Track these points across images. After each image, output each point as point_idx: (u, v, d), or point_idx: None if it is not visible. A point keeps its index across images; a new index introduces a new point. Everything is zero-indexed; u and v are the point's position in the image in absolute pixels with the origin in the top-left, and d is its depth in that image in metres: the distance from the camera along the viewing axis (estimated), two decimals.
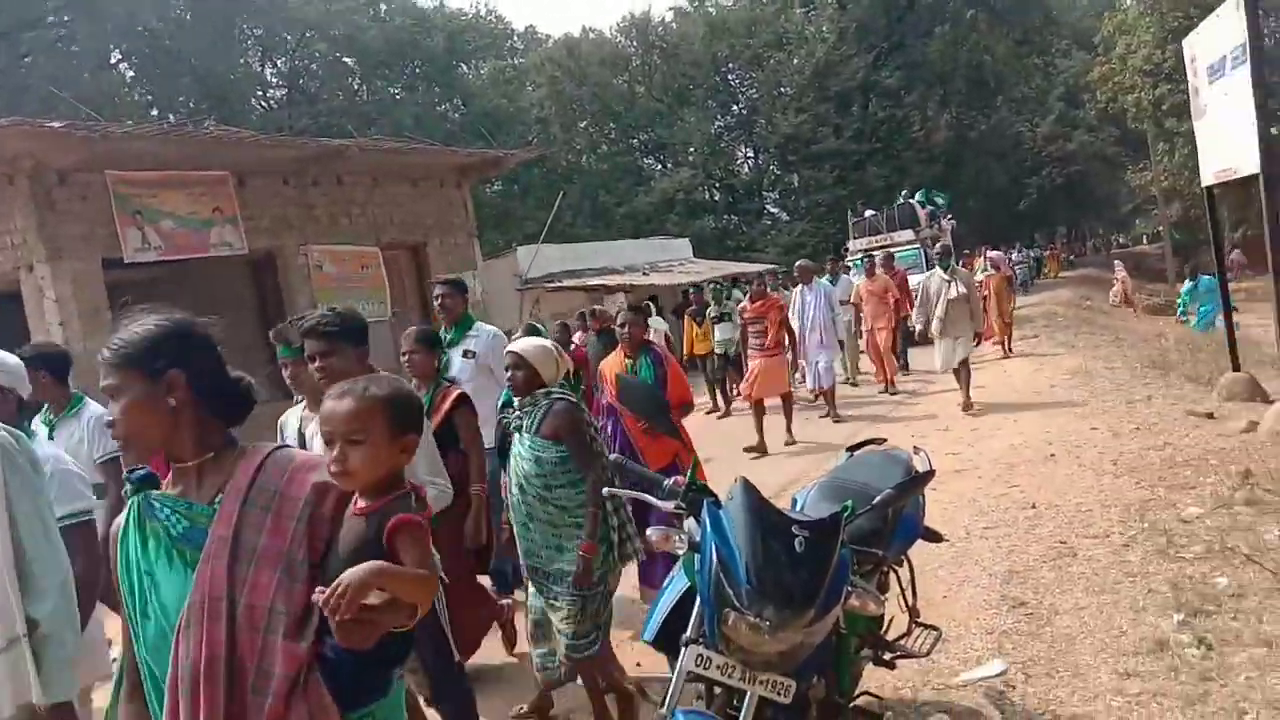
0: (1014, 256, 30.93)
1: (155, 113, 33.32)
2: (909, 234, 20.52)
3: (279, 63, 38.95)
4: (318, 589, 1.69)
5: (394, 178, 15.85)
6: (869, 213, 22.21)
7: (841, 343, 12.72)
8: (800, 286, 11.74)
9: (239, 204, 13.01)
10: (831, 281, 13.56)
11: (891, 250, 19.30)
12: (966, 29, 37.12)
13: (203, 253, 12.61)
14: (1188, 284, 17.70)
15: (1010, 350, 15.44)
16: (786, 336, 10.35)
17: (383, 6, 39.90)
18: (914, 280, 17.26)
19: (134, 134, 11.71)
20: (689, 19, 40.89)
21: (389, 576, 1.68)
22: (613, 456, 3.02)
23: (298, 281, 13.89)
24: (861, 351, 14.36)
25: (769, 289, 11.50)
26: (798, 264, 12.32)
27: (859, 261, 19.51)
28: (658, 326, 14.65)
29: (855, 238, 21.86)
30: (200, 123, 16.87)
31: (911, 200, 22.17)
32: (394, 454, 1.82)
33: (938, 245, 19.63)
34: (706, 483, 2.75)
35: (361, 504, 1.80)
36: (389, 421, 1.81)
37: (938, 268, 10.76)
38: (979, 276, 16.01)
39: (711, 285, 15.79)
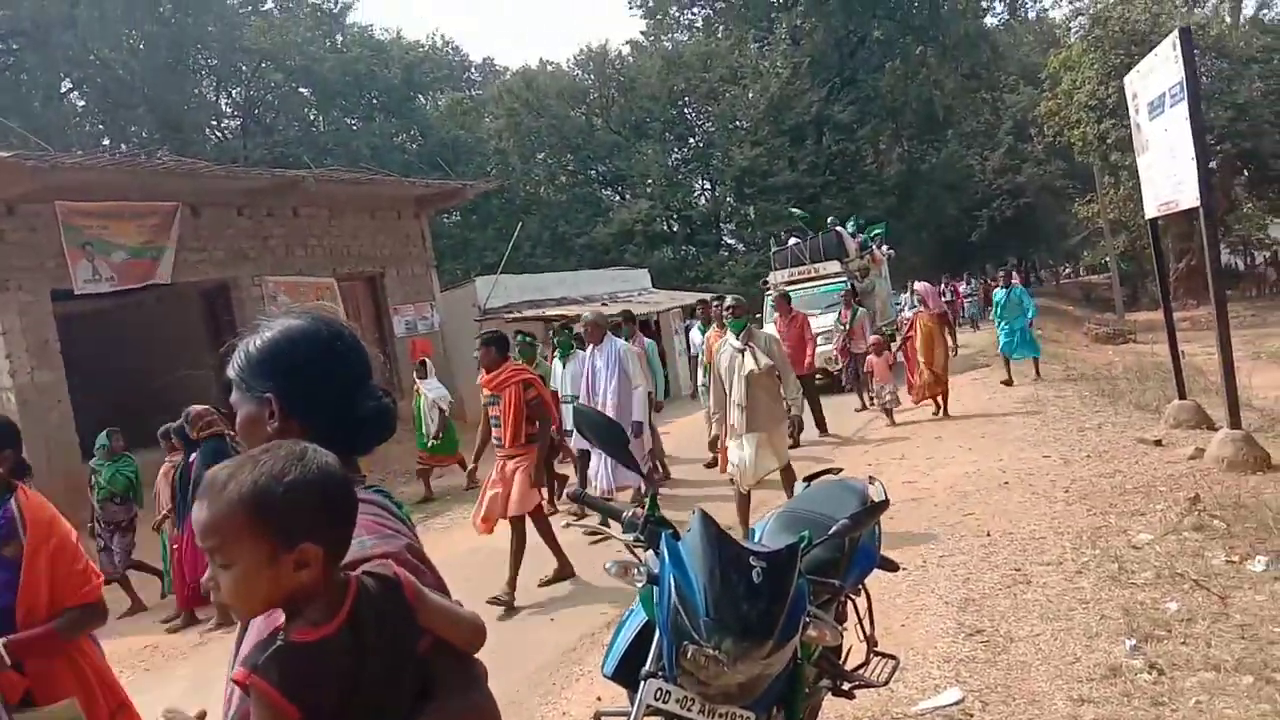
0: (962, 289, 30.40)
1: (107, 142, 32.94)
2: (835, 265, 18.29)
3: (234, 92, 38.70)
4: None
5: (351, 208, 15.78)
6: (792, 240, 19.83)
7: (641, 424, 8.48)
8: (590, 348, 8.68)
9: (192, 235, 12.88)
10: (701, 330, 12.16)
11: (809, 284, 18.05)
12: (916, 64, 37.89)
13: (155, 284, 12.44)
14: (999, 292, 14.92)
15: (947, 411, 12.20)
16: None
17: (339, 37, 39.85)
18: (822, 323, 15.61)
19: (85, 164, 11.58)
20: (645, 53, 41.31)
21: None
22: (571, 490, 3.01)
23: (252, 313, 13.69)
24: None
25: (516, 347, 8.37)
26: (584, 318, 8.92)
27: (777, 295, 18.17)
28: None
29: (776, 268, 19.48)
30: (154, 153, 16.67)
31: (839, 228, 20.07)
32: (275, 576, 1.25)
33: (867, 278, 18.67)
34: (663, 515, 2.76)
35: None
36: (260, 532, 1.24)
37: (730, 332, 7.21)
38: (906, 313, 14.05)
39: (556, 324, 13.52)
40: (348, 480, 1.32)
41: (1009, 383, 13.93)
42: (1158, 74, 8.29)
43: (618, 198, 39.51)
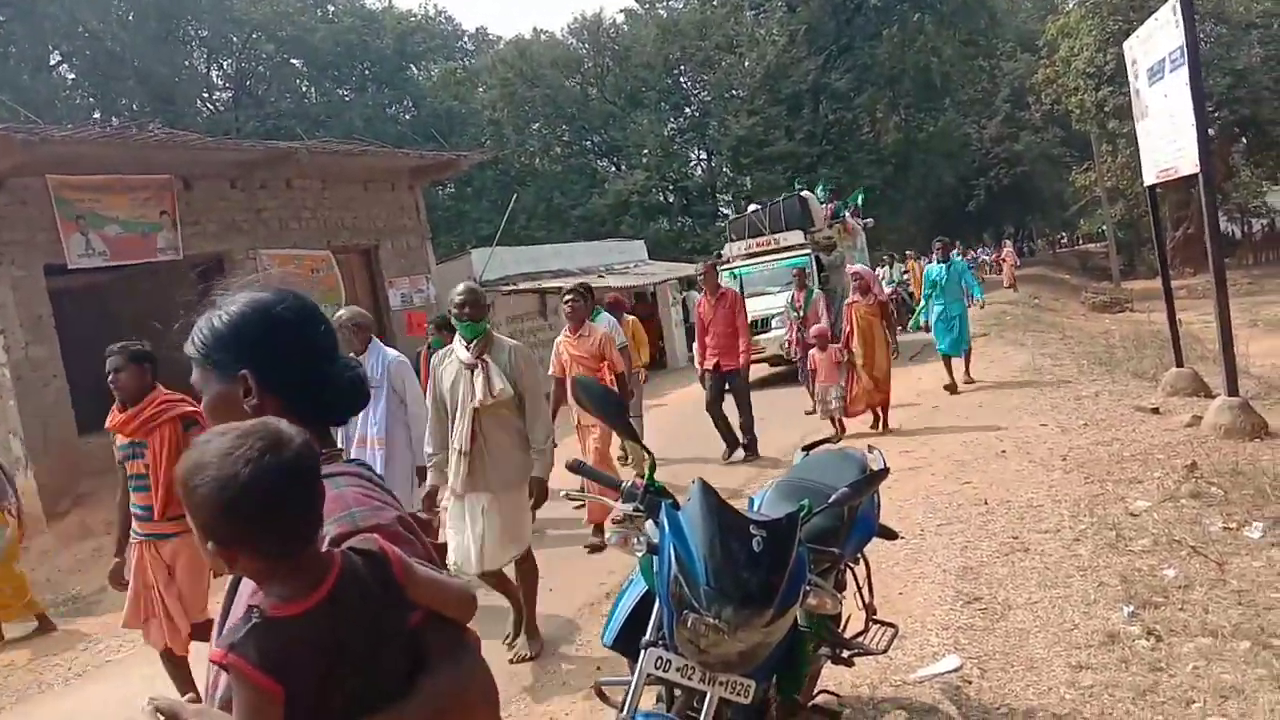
0: (955, 258, 29.25)
1: (97, 115, 32.66)
2: (798, 235, 16.34)
3: (225, 64, 38.38)
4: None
5: (345, 180, 15.65)
6: (751, 208, 17.98)
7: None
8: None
9: (185, 208, 12.77)
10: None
11: (768, 257, 16.31)
12: (914, 32, 37.57)
13: (149, 258, 12.36)
14: (933, 268, 12.21)
15: (887, 424, 9.95)
16: None
17: (330, 8, 39.46)
18: (769, 304, 14.75)
19: (76, 137, 11.43)
20: (640, 21, 40.97)
21: None
22: (571, 460, 3.01)
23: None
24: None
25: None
26: (339, 317, 6.11)
27: (741, 270, 16.39)
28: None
29: (732, 239, 17.57)
30: (144, 125, 16.50)
31: (804, 193, 18.00)
32: (231, 565, 1.29)
33: (834, 250, 16.67)
34: (664, 485, 2.75)
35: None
36: (203, 534, 1.26)
37: (458, 339, 5.07)
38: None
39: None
40: (303, 469, 1.27)
41: (952, 388, 11.37)
42: (1157, 39, 8.22)
43: (613, 168, 39.32)
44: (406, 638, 1.32)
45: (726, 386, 9.32)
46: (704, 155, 39.27)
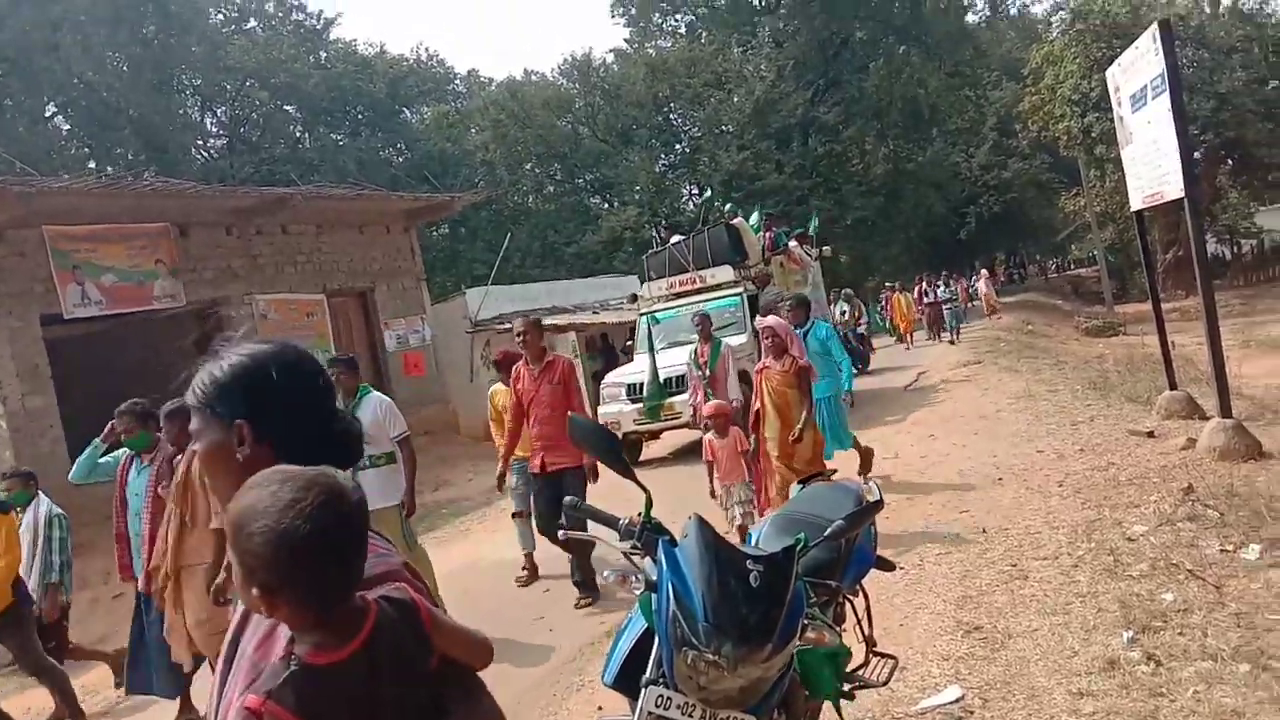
0: (940, 291, 26.53)
1: (93, 165, 32.85)
2: (727, 271, 13.58)
3: (219, 112, 38.71)
4: None
5: (340, 224, 15.80)
6: (675, 239, 15.05)
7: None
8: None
9: (181, 255, 12.87)
10: None
11: (691, 299, 13.30)
12: (900, 64, 38.02)
13: (145, 306, 12.45)
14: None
15: None
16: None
17: (323, 54, 39.88)
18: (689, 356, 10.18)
19: (72, 188, 11.56)
20: (629, 60, 41.41)
21: None
22: (567, 498, 3.03)
23: (242, 332, 13.72)
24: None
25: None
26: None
27: (661, 314, 13.36)
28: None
29: (650, 277, 14.65)
30: (140, 174, 16.65)
31: (735, 220, 15.07)
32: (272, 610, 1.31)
33: (769, 294, 12.83)
34: (660, 522, 2.77)
35: None
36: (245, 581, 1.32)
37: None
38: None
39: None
40: (344, 515, 1.30)
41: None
42: (1139, 67, 8.34)
43: (606, 205, 39.56)
44: (430, 681, 1.37)
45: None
46: (695, 190, 39.55)
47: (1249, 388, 11.23)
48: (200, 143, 38.21)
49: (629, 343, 16.42)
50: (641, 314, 13.79)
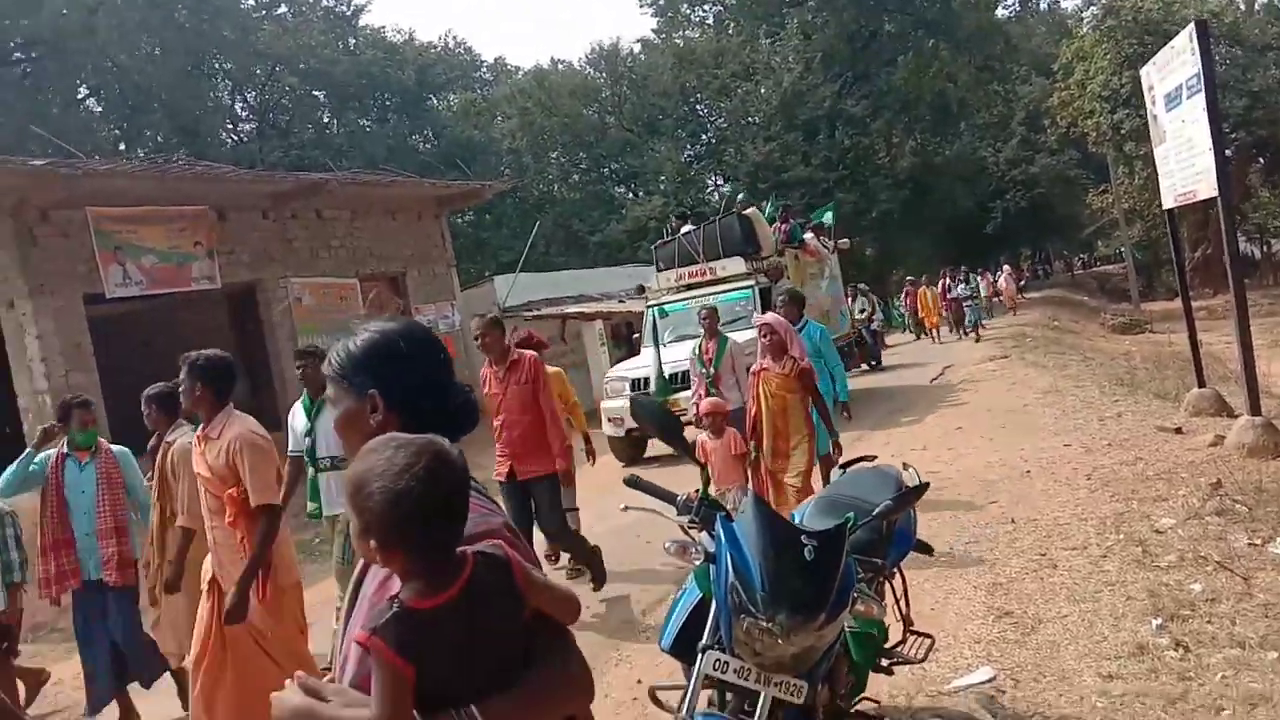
0: (959, 289, 25.77)
1: (123, 147, 33.24)
2: (739, 263, 13.16)
3: (249, 96, 39.00)
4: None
5: (373, 210, 15.99)
6: (685, 229, 14.51)
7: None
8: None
9: (219, 238, 13.09)
10: None
11: (702, 291, 12.92)
12: (929, 57, 37.86)
13: (184, 287, 12.68)
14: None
15: None
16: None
17: (352, 40, 40.10)
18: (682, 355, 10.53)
19: (115, 170, 11.78)
20: (657, 50, 41.41)
21: None
22: (628, 475, 3.17)
23: (278, 314, 13.96)
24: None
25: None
26: None
27: (671, 306, 12.84)
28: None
29: (660, 268, 14.35)
30: (169, 157, 16.91)
31: (748, 210, 14.45)
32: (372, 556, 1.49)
33: (781, 280, 12.98)
34: (718, 499, 2.91)
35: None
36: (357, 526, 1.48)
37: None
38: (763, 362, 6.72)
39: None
40: (453, 479, 1.46)
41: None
42: (1174, 66, 8.39)
43: (631, 195, 39.62)
44: (521, 633, 1.50)
45: (534, 505, 6.32)
46: (721, 181, 39.58)
47: (1278, 387, 11.25)
48: (230, 127, 38.54)
49: (636, 335, 16.03)
50: (649, 306, 13.25)
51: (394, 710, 1.37)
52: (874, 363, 20.56)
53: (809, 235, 15.69)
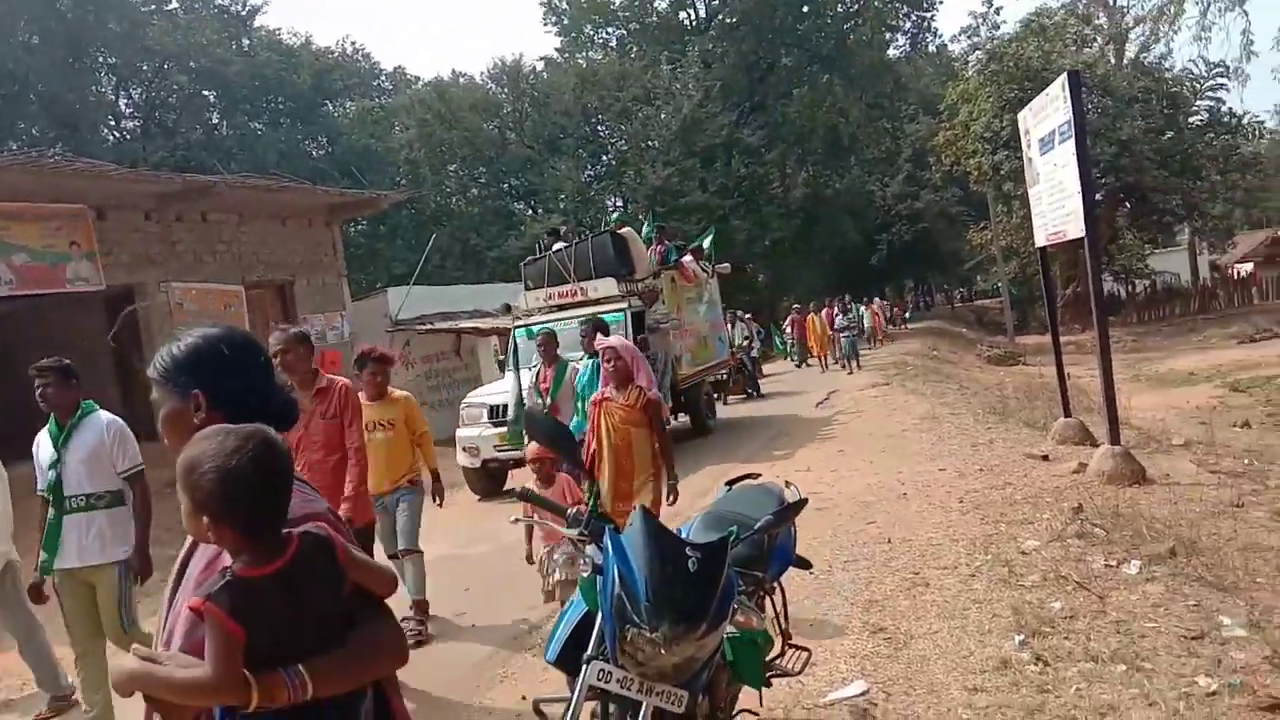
0: (839, 320, 24.71)
1: None
2: (610, 284, 12.54)
3: (134, 93, 37.56)
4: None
5: (262, 215, 15.58)
6: (558, 246, 13.70)
7: None
8: None
9: (97, 238, 12.57)
10: None
11: (570, 313, 12.15)
12: (823, 93, 38.98)
13: (58, 288, 12.11)
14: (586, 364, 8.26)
15: None
16: None
17: (246, 41, 39.05)
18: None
19: None
20: (559, 69, 41.56)
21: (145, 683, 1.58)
22: (519, 487, 3.20)
23: (157, 319, 13.46)
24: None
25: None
26: None
27: (538, 327, 10.87)
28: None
29: (529, 287, 13.54)
30: (45, 152, 16.17)
31: (622, 229, 13.74)
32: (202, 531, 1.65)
33: (656, 304, 12.96)
34: (605, 512, 2.97)
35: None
36: (189, 502, 1.65)
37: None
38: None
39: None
40: (274, 463, 1.64)
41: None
42: (1048, 112, 8.87)
43: (530, 212, 39.57)
44: (342, 603, 1.68)
45: None
46: (620, 202, 39.88)
47: (1137, 418, 11.94)
48: (113, 123, 37.05)
49: (500, 358, 14.56)
50: (515, 326, 12.59)
51: (226, 668, 1.53)
52: (753, 391, 20.44)
53: (687, 259, 15.24)
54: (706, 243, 17.23)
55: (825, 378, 22.61)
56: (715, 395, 17.42)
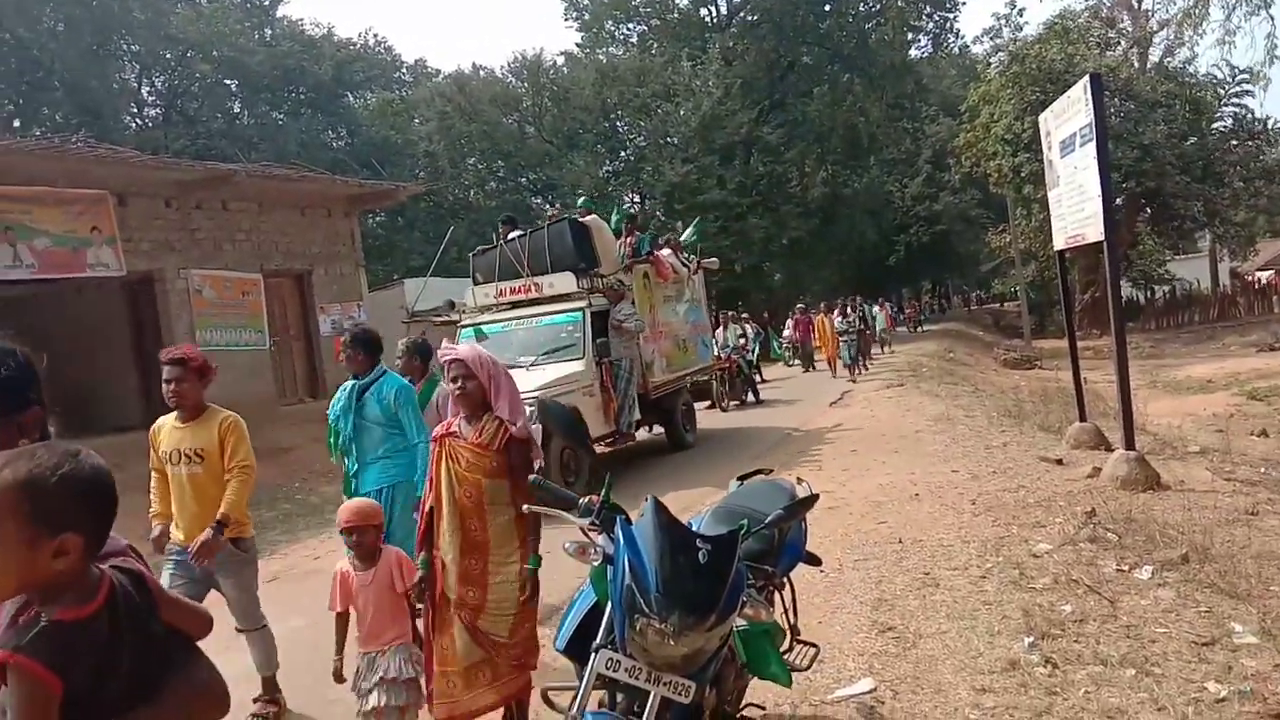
0: (839, 322, 22.86)
1: (18, 124, 31.88)
2: (568, 280, 11.30)
3: (157, 81, 37.86)
4: None
5: (281, 204, 15.68)
6: (514, 234, 12.24)
7: None
8: None
9: (118, 224, 12.67)
10: None
11: (525, 311, 11.32)
12: (843, 91, 38.83)
13: (79, 273, 12.23)
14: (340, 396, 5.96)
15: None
16: None
17: (269, 31, 39.28)
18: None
19: (9, 148, 11.34)
20: (579, 64, 41.55)
21: None
22: (531, 477, 3.22)
23: (176, 306, 13.57)
24: None
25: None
26: None
27: (487, 327, 11.18)
28: None
29: (479, 282, 12.27)
30: (68, 138, 16.31)
31: (587, 218, 12.22)
32: (33, 560, 1.40)
33: (622, 312, 11.34)
34: (617, 503, 2.99)
35: None
36: (22, 516, 1.39)
37: None
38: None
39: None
40: (112, 483, 1.51)
41: None
42: (1069, 115, 8.83)
43: (548, 206, 39.63)
44: (159, 644, 1.55)
45: None
46: (638, 198, 39.88)
47: (1153, 425, 11.86)
48: (135, 111, 37.31)
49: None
50: (463, 327, 11.43)
51: None
52: (747, 398, 18.73)
53: (665, 251, 13.62)
54: (689, 233, 15.64)
55: (835, 384, 21.03)
56: (716, 403, 16.91)
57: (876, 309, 32.11)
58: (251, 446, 4.73)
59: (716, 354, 16.22)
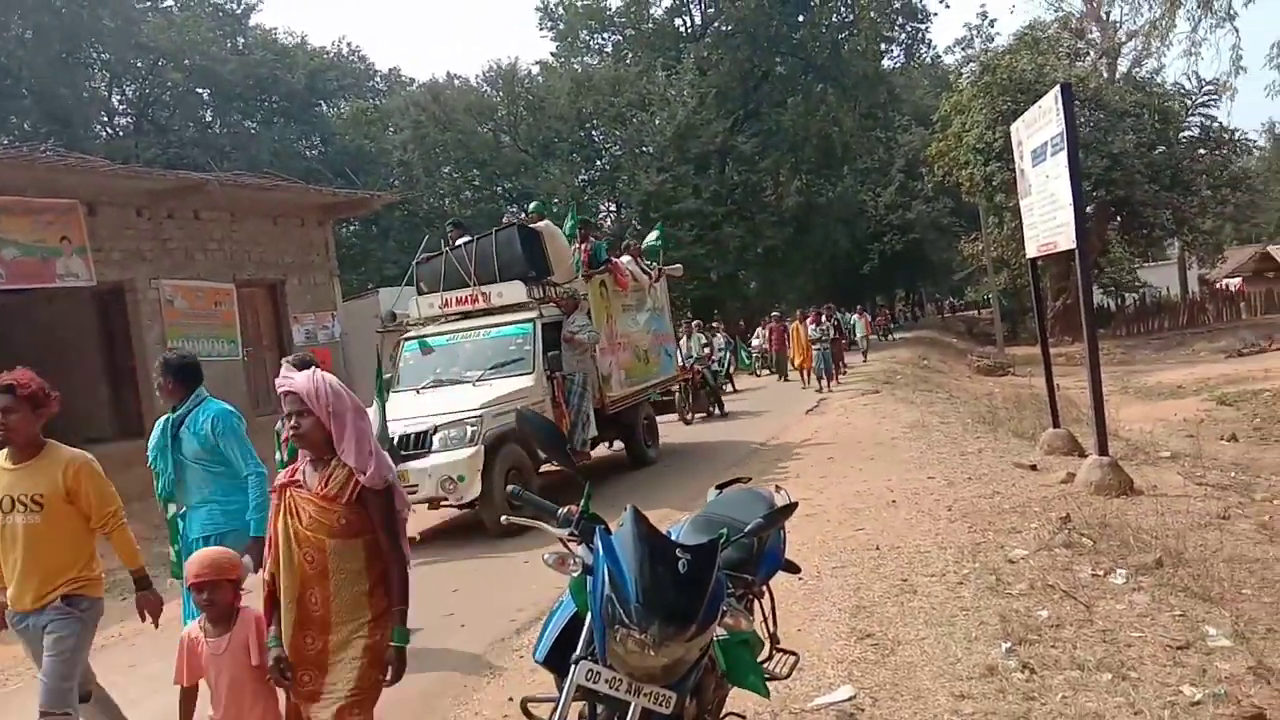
0: (812, 330, 21.81)
1: None
2: (518, 290, 10.63)
3: (127, 89, 37.52)
4: None
5: (254, 214, 15.54)
6: (462, 240, 11.41)
7: None
8: None
9: (88, 234, 12.52)
10: None
11: (472, 323, 10.70)
12: (817, 102, 39.06)
13: (48, 283, 12.06)
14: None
15: None
16: None
17: (241, 40, 39.03)
18: (454, 402, 9.13)
19: None
20: (554, 73, 41.53)
21: None
22: (510, 487, 3.19)
23: (147, 316, 13.41)
24: None
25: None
26: None
27: (432, 340, 10.62)
28: None
29: (422, 291, 11.41)
30: (37, 146, 16.13)
31: (535, 224, 11.49)
32: None
33: (575, 323, 10.69)
34: (596, 513, 2.98)
35: None
36: None
37: None
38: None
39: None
40: None
41: None
42: (1041, 124, 8.93)
43: (524, 215, 39.63)
44: None
45: None
46: (613, 208, 39.90)
47: (1125, 430, 12.01)
48: (105, 119, 36.96)
49: (388, 376, 9.79)
50: (405, 339, 10.83)
51: None
52: (713, 410, 18.07)
53: (624, 259, 13.12)
54: (651, 237, 14.97)
55: (806, 394, 20.51)
56: (680, 415, 16.75)
57: (855, 317, 32.23)
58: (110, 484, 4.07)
59: (681, 364, 15.70)
